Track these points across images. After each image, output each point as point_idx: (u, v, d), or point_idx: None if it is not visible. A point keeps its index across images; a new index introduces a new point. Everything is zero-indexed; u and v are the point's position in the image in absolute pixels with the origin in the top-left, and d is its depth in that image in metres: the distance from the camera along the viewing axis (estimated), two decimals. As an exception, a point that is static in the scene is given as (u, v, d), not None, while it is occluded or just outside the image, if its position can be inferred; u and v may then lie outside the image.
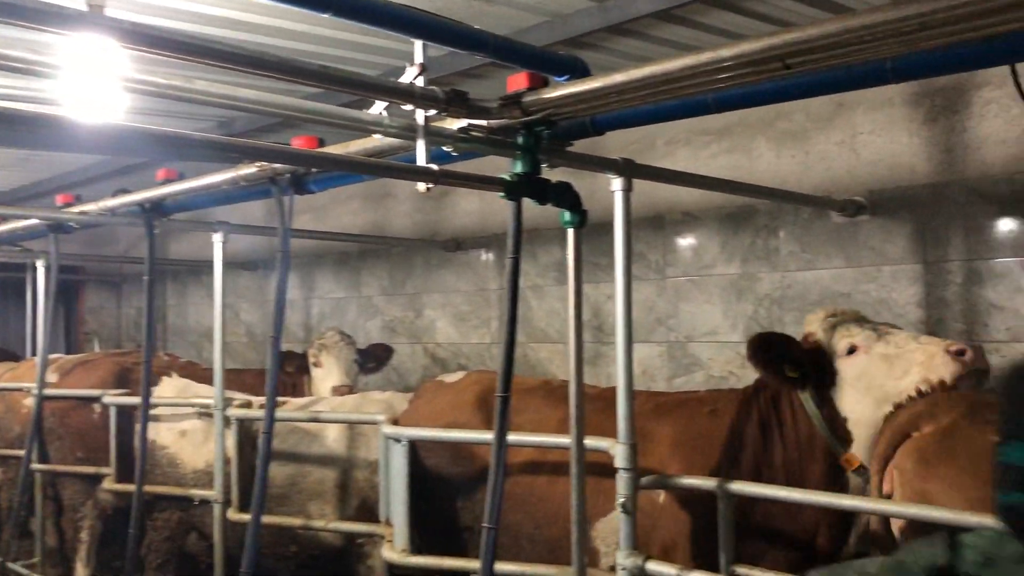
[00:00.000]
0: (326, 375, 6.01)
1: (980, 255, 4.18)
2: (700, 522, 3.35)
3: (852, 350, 3.39)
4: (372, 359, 6.24)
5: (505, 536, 3.93)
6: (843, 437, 3.37)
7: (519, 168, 2.97)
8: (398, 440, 4.03)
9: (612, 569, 3.30)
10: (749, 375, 4.97)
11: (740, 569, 3.19)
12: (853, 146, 4.64)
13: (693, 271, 5.30)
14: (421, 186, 2.76)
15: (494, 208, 6.13)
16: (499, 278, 6.24)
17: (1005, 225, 4.12)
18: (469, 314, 6.44)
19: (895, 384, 3.25)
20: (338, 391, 5.74)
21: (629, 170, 3.30)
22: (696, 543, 3.39)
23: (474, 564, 3.38)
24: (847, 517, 3.31)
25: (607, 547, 3.58)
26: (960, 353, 3.19)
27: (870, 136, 4.58)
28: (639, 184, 3.29)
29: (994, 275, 4.14)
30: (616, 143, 4.51)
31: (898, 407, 3.17)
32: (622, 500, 3.22)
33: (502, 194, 2.94)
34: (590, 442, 3.46)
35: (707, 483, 3.24)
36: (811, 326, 3.62)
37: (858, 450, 3.33)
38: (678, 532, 3.48)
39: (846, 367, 3.40)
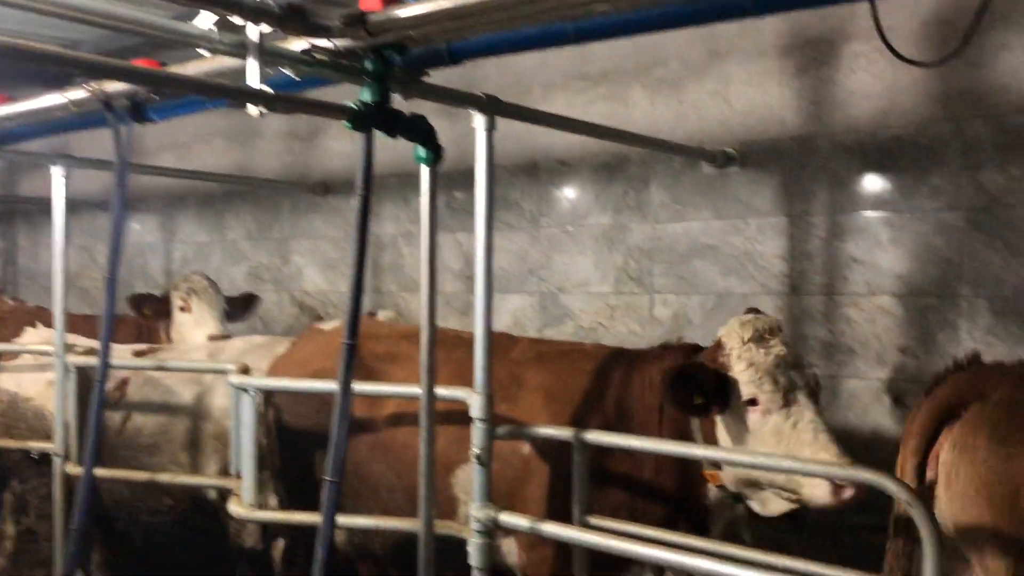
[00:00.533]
0: (198, 321, 5.64)
1: (843, 209, 4.21)
2: (564, 474, 3.25)
3: (753, 401, 3.03)
4: (237, 307, 5.91)
5: (365, 487, 3.78)
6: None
7: (367, 96, 2.75)
8: (246, 390, 3.79)
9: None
10: (617, 326, 4.94)
11: (594, 520, 3.12)
12: (726, 96, 4.58)
13: (567, 221, 5.19)
14: (253, 110, 2.51)
15: (365, 151, 5.87)
16: (371, 224, 5.99)
17: (868, 180, 4.14)
18: (338, 261, 6.18)
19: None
20: (214, 340, 5.40)
21: (492, 107, 3.11)
22: (558, 496, 3.30)
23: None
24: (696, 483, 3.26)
25: (467, 495, 3.46)
26: (840, 491, 2.81)
27: (743, 87, 4.53)
28: (513, 130, 3.12)
29: (856, 229, 4.17)
30: (491, 87, 4.31)
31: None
32: (477, 451, 3.10)
33: (347, 123, 2.71)
34: (445, 392, 3.33)
35: (563, 433, 3.14)
36: (728, 341, 3.16)
37: (725, 477, 3.12)
38: (543, 484, 3.39)
39: (739, 411, 3.07)
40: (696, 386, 3.04)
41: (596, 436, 3.08)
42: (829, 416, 3.27)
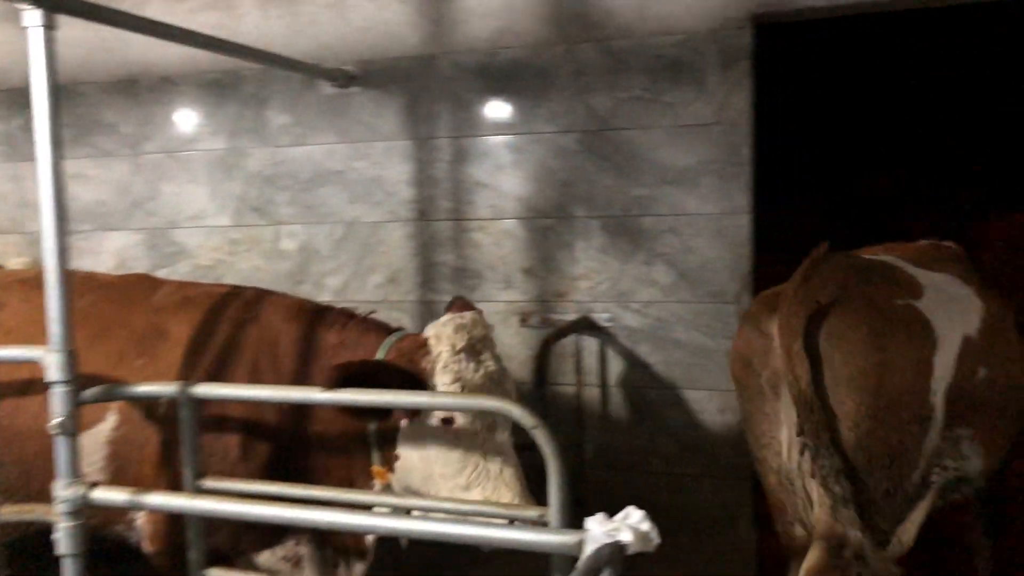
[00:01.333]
0: None
1: (467, 132, 4.14)
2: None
3: (449, 420, 2.69)
4: None
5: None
6: (389, 457, 2.84)
7: None
8: None
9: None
10: (240, 262, 4.51)
11: (208, 483, 2.77)
12: (343, 10, 4.27)
13: (176, 146, 4.60)
14: None
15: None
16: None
17: (489, 102, 4.10)
18: None
19: (450, 483, 2.70)
20: None
21: (49, 1, 2.51)
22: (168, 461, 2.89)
23: None
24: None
25: (89, 466, 2.93)
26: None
27: (360, 0, 4.25)
28: (105, 40, 2.52)
29: (480, 153, 4.13)
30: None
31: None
32: (59, 420, 2.58)
33: None
34: (16, 352, 2.75)
35: (167, 389, 2.73)
36: (436, 345, 2.74)
37: (396, 482, 2.83)
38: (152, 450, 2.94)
39: (431, 428, 2.73)
40: (380, 386, 2.57)
41: (208, 389, 2.70)
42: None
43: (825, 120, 9.01)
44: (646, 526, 2.12)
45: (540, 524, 2.38)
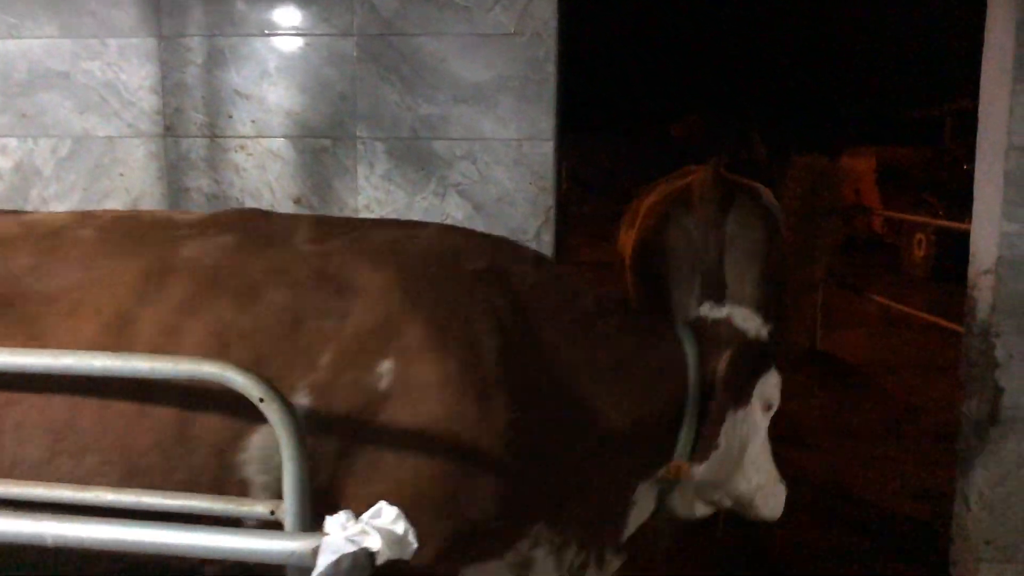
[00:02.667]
0: None
1: (223, 30, 3.42)
2: None
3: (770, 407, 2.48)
4: None
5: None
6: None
7: None
8: None
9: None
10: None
11: None
12: None
13: None
14: None
15: None
16: None
17: (252, -4, 3.41)
18: None
19: (763, 475, 2.51)
20: None
21: None
22: None
23: None
24: None
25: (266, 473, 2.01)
26: None
27: None
28: None
29: (240, 56, 3.44)
30: None
31: None
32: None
33: None
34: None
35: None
36: None
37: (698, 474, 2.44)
38: None
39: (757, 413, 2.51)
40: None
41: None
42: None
43: (640, 34, 8.81)
44: (401, 527, 1.64)
45: (274, 524, 1.84)
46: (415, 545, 1.63)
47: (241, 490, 1.93)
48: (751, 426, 2.39)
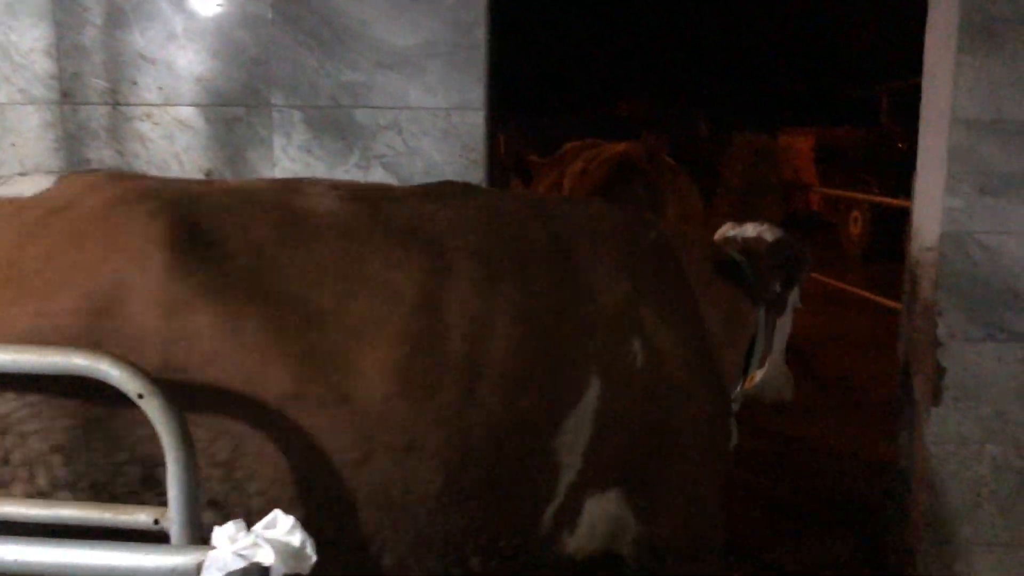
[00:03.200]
0: None
1: (125, -13, 3.15)
2: None
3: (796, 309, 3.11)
4: None
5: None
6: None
7: None
8: None
9: None
10: None
11: None
12: None
13: None
14: None
15: None
16: None
17: (157, -50, 3.13)
18: None
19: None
20: None
21: None
22: None
23: None
24: None
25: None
26: None
27: None
28: None
29: (143, 16, 3.16)
30: None
31: None
32: None
33: None
34: None
35: None
36: None
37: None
38: None
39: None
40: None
41: None
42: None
43: (582, 16, 8.66)
44: (298, 538, 1.46)
45: (159, 534, 1.64)
46: (314, 558, 1.45)
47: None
48: (783, 327, 2.83)
